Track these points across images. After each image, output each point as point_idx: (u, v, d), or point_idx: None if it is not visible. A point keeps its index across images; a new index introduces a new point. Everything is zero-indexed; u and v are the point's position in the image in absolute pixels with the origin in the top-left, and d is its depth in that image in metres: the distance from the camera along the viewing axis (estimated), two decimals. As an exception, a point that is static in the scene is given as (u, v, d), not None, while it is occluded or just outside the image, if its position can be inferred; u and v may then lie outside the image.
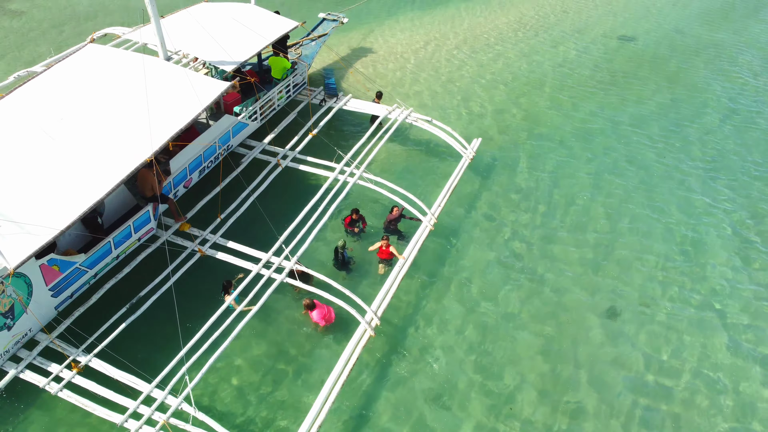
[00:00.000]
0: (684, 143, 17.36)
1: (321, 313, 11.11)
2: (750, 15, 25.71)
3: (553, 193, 15.18)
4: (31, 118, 11.05)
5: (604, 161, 16.47)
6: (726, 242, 14.00)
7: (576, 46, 22.39)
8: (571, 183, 15.56)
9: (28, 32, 21.80)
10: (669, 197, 15.25)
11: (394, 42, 21.91)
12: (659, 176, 16.00)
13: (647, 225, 14.36)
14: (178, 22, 14.70)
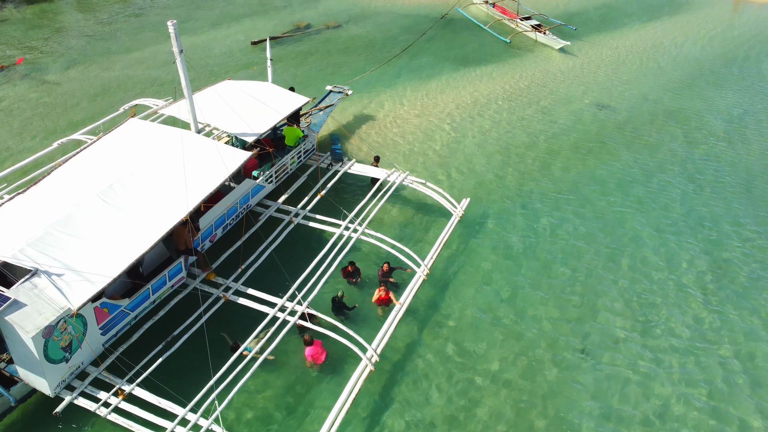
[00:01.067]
0: (653, 205, 19.40)
1: (312, 351, 12.77)
2: (712, 84, 28.26)
3: (533, 249, 17.11)
4: (86, 183, 13.14)
5: (581, 221, 18.47)
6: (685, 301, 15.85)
7: (555, 114, 24.78)
8: (549, 240, 17.51)
9: (64, 102, 24.28)
10: (638, 253, 17.19)
11: (393, 110, 24.34)
12: (634, 235, 17.97)
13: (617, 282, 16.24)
14: (205, 98, 17.01)
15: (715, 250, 17.27)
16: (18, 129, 22.22)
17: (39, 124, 22.56)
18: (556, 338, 14.18)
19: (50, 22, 32.46)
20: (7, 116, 23.05)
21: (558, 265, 16.46)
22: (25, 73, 26.49)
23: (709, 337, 14.43)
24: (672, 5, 39.32)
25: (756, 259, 16.99)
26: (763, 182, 20.68)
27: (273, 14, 34.65)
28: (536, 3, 37.84)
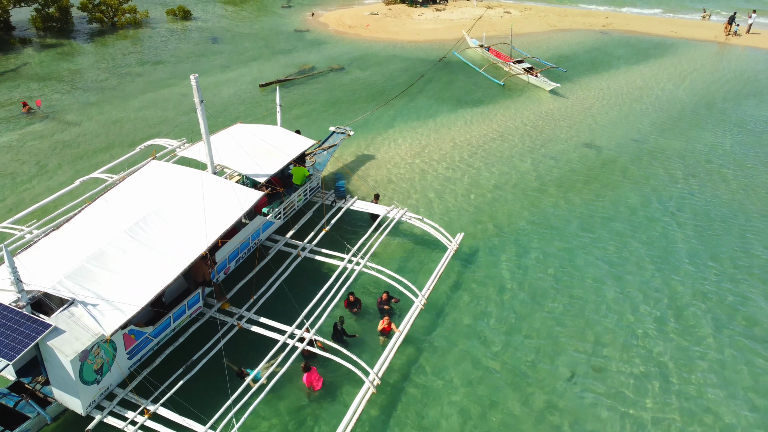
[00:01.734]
0: (636, 242, 20.73)
1: (309, 377, 13.93)
2: (694, 125, 29.88)
3: (523, 281, 18.37)
4: (114, 221, 14.49)
5: (568, 255, 19.77)
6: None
7: (545, 153, 26.29)
8: (537, 273, 18.78)
9: (83, 141, 25.82)
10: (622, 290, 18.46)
11: (392, 150, 25.86)
12: (620, 271, 19.26)
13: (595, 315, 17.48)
14: (220, 141, 18.47)
15: (694, 284, 18.53)
16: (40, 167, 23.67)
17: (60, 163, 24.03)
18: (544, 365, 15.33)
19: (67, 65, 34.27)
20: (29, 155, 24.53)
21: (545, 297, 17.68)
22: (45, 114, 28.11)
23: (685, 366, 15.60)
24: (659, 48, 41.36)
25: (733, 292, 18.23)
26: (740, 219, 22.04)
27: (279, 57, 36.55)
28: (529, 46, 39.90)
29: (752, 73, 37.32)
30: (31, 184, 22.57)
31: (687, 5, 53.81)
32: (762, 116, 31.00)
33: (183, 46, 38.14)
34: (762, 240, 20.70)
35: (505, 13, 47.45)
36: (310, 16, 45.35)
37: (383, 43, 39.82)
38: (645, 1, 54.70)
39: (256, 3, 48.73)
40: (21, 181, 22.67)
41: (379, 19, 44.36)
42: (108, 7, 40.78)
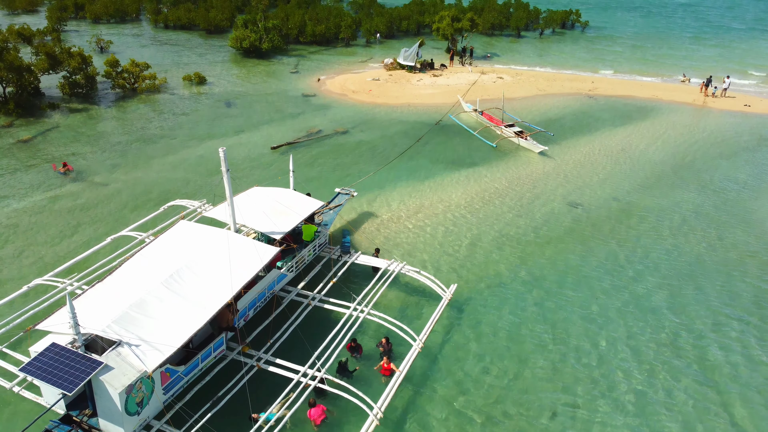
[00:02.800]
0: (618, 295, 22.87)
1: (313, 412, 15.83)
2: (671, 185, 32.43)
3: (511, 329, 20.43)
4: (152, 273, 16.73)
5: (555, 305, 21.89)
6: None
7: (534, 211, 28.72)
8: (526, 321, 20.86)
9: (112, 201, 28.29)
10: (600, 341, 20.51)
11: (393, 208, 28.30)
12: (602, 320, 21.35)
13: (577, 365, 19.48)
14: (239, 202, 20.85)
15: (670, 333, 20.57)
16: (74, 225, 26.04)
17: (91, 221, 26.41)
18: (531, 405, 17.24)
19: (93, 129, 37.18)
20: (64, 214, 26.94)
21: (533, 344, 19.71)
22: (75, 176, 30.70)
23: (659, 407, 17.50)
24: (641, 112, 44.47)
25: (712, 341, 20.26)
26: (714, 274, 24.24)
27: (288, 121, 39.54)
28: (520, 110, 42.99)
29: (727, 135, 40.21)
30: (66, 241, 24.86)
31: (668, 69, 57.44)
32: (736, 177, 33.57)
33: (199, 110, 41.21)
34: (732, 293, 22.86)
35: (498, 79, 50.92)
36: (316, 81, 48.75)
37: (384, 108, 42.93)
38: (629, 67, 58.41)
39: (266, 68, 52.33)
40: (57, 238, 24.97)
41: (381, 85, 47.72)
42: (129, 74, 44.14)
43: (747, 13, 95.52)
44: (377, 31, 65.32)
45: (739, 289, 23.09)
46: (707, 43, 70.97)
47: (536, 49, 65.49)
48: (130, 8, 72.47)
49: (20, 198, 28.18)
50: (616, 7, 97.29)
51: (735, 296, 22.64)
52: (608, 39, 71.22)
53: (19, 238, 24.88)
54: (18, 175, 30.53)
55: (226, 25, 67.13)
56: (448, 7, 73.74)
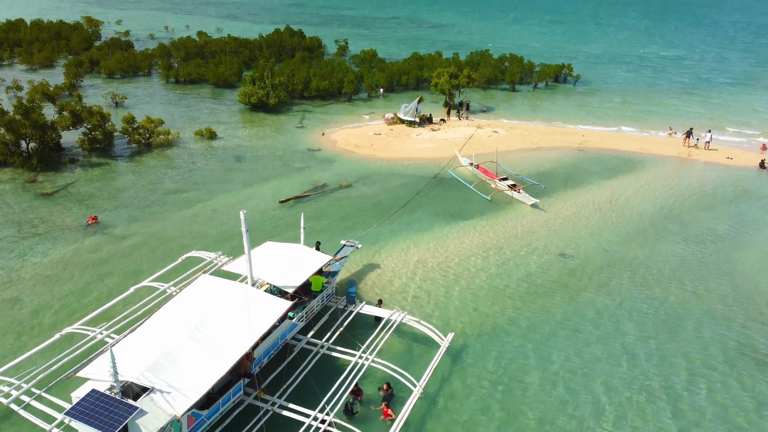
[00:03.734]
0: (604, 340, 24.62)
1: None
2: (654, 236, 34.49)
3: (504, 374, 22.12)
4: (178, 325, 18.58)
5: (546, 352, 23.61)
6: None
7: (526, 262, 30.67)
8: (518, 367, 22.56)
9: (131, 253, 30.26)
10: (584, 374, 22.19)
11: (395, 260, 30.26)
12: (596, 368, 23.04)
13: (567, 394, 21.13)
14: (254, 256, 22.86)
15: (652, 375, 22.27)
16: (98, 276, 27.94)
17: (114, 272, 28.31)
18: (519, 442, 18.87)
19: (111, 183, 39.44)
20: (88, 265, 28.86)
21: (524, 391, 21.38)
22: (97, 229, 32.76)
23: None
24: (628, 164, 46.91)
25: (692, 383, 21.94)
26: (694, 323, 26.04)
27: (295, 175, 41.86)
28: (514, 163, 45.42)
29: (709, 188, 42.52)
30: (92, 291, 26.72)
31: (655, 122, 60.24)
32: (715, 229, 35.67)
33: (211, 164, 43.59)
34: (710, 342, 24.63)
35: (494, 132, 53.60)
36: (321, 135, 51.37)
37: (385, 161, 45.35)
38: (618, 120, 61.26)
39: (273, 123, 55.07)
40: (83, 288, 26.84)
41: (382, 139, 50.33)
42: (145, 129, 46.74)
43: (734, 66, 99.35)
44: (379, 85, 68.51)
45: (716, 339, 24.86)
46: (694, 97, 74.19)
47: (530, 103, 68.59)
48: (143, 64, 75.90)
49: (47, 250, 30.15)
50: (607, 61, 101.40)
51: (711, 345, 24.40)
52: (599, 92, 74.47)
53: (47, 288, 26.75)
54: (43, 228, 32.58)
55: (234, 80, 70.40)
56: (446, 62, 77.44)
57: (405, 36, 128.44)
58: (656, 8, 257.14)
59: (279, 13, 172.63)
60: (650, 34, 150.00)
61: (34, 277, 27.74)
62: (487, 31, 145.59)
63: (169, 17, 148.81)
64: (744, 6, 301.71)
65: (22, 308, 25.29)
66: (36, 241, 31.12)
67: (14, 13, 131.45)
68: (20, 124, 40.57)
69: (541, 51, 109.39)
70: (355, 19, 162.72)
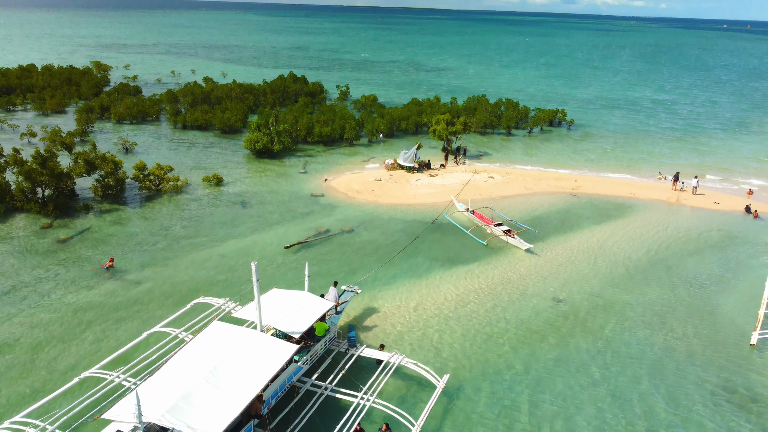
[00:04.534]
0: (593, 385, 26.04)
1: None
2: (642, 281, 36.11)
3: (498, 414, 23.51)
4: (194, 369, 20.10)
5: (538, 394, 25.02)
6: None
7: (520, 306, 32.23)
8: (511, 408, 23.96)
9: (143, 297, 31.87)
10: (572, 415, 23.57)
11: (393, 304, 31.84)
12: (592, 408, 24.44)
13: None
14: (262, 303, 24.49)
15: (637, 419, 23.65)
16: (112, 320, 29.50)
17: (128, 316, 29.88)
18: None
19: (123, 229, 41.27)
20: (103, 310, 30.45)
21: (515, 430, 22.76)
22: (110, 274, 34.43)
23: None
24: (618, 209, 48.83)
25: (673, 425, 23.30)
26: (677, 363, 27.50)
27: (299, 220, 43.74)
28: (509, 208, 47.35)
29: (696, 233, 44.31)
30: (107, 335, 28.24)
31: (646, 167, 62.50)
32: (701, 272, 37.33)
33: (218, 210, 45.51)
34: (694, 385, 26.07)
35: (489, 178, 55.74)
36: (324, 181, 53.47)
37: (385, 207, 47.28)
38: (610, 165, 63.54)
39: (277, 169, 57.28)
40: (98, 332, 28.37)
41: (382, 185, 52.41)
42: (155, 176, 48.84)
43: (725, 111, 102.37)
44: (379, 131, 71.09)
45: (698, 382, 26.29)
46: (685, 142, 76.75)
47: (525, 147, 71.02)
48: (151, 110, 78.81)
49: (63, 295, 31.76)
50: (600, 106, 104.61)
51: (693, 388, 25.82)
52: (592, 138, 77.03)
53: (64, 332, 28.28)
54: (59, 274, 34.25)
55: (240, 126, 73.07)
56: (444, 108, 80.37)
57: (404, 80, 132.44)
58: (649, 50, 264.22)
59: (281, 57, 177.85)
60: (643, 77, 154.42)
61: (52, 321, 29.29)
62: (485, 74, 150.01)
63: (175, 61, 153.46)
64: (735, 48, 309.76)
65: (40, 352, 26.78)
66: (52, 286, 32.74)
67: (24, 58, 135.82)
68: (37, 172, 42.66)
69: (536, 95, 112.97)
70: (355, 63, 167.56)
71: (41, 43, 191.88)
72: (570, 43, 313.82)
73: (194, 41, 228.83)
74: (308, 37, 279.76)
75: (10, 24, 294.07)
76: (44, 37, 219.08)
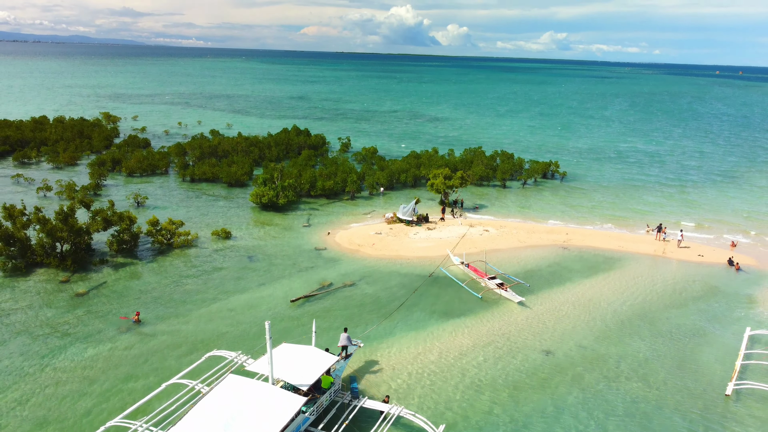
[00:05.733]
0: None
1: None
2: (629, 334, 38.35)
3: (488, 461, 25.51)
4: (212, 420, 22.29)
5: (521, 439, 27.02)
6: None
7: (512, 358, 34.39)
8: (499, 454, 25.96)
9: (159, 350, 34.06)
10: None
11: (393, 356, 34.02)
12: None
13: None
14: (273, 357, 26.77)
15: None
16: (131, 372, 31.65)
17: (145, 368, 32.04)
18: None
19: (138, 284, 43.69)
20: (122, 362, 32.62)
21: (504, 474, 24.75)
22: (128, 327, 36.71)
23: None
24: (607, 262, 51.37)
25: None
26: (658, 413, 29.56)
27: (303, 274, 46.22)
28: (502, 261, 49.89)
29: (680, 286, 46.74)
30: (127, 386, 30.37)
31: (634, 219, 65.34)
32: (683, 324, 39.62)
33: (227, 264, 48.03)
34: None
35: (485, 231, 58.48)
36: (326, 234, 56.16)
37: (386, 260, 49.83)
38: (600, 217, 66.42)
39: (282, 222, 60.09)
40: (118, 383, 30.51)
41: (383, 238, 55.10)
42: (167, 231, 51.55)
43: (714, 163, 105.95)
44: (379, 184, 74.26)
45: (677, 430, 28.33)
46: (674, 194, 79.94)
47: (519, 200, 74.06)
48: (160, 163, 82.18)
49: (84, 348, 33.98)
50: (592, 158, 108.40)
51: (672, 435, 27.88)
52: (583, 190, 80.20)
53: (86, 384, 30.41)
54: (79, 327, 36.53)
55: (246, 179, 76.29)
56: (442, 160, 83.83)
57: (403, 131, 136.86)
58: (642, 99, 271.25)
59: (283, 107, 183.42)
60: (635, 128, 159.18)
61: (74, 372, 31.45)
62: (481, 124, 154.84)
63: (181, 111, 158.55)
64: (726, 96, 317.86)
65: (63, 403, 28.87)
66: (74, 339, 34.99)
67: (37, 108, 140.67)
68: (59, 229, 45.38)
69: (531, 146, 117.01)
70: (356, 113, 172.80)
71: (54, 94, 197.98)
72: (565, 91, 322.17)
73: (199, 91, 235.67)
74: (309, 86, 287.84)
75: (23, 73, 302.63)
76: (57, 87, 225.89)
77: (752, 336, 37.82)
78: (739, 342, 37.14)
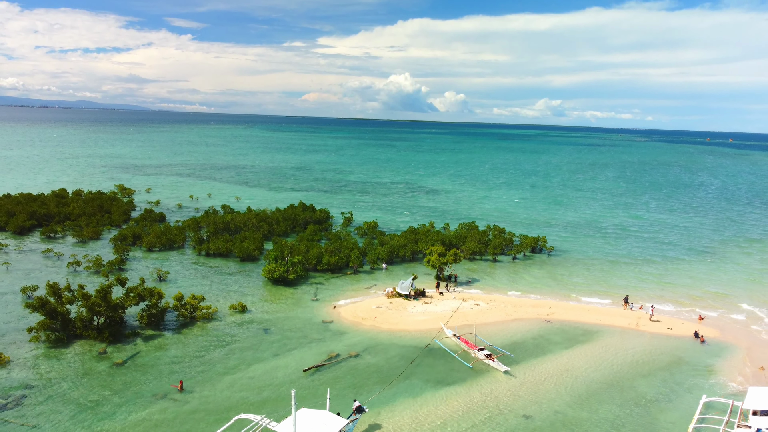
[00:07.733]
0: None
1: None
2: (604, 401, 43.85)
3: None
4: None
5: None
6: None
7: (497, 422, 39.80)
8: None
9: (192, 415, 39.48)
10: None
11: (393, 421, 39.45)
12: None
13: None
14: (291, 423, 32.40)
15: None
16: (169, 434, 37.06)
17: (182, 430, 37.40)
18: None
19: (167, 354, 49.31)
20: (159, 426, 37.99)
21: None
22: (162, 394, 42.16)
23: None
24: (585, 335, 57.21)
25: None
26: (614, 469, 34.91)
27: (313, 345, 51.95)
28: (491, 333, 55.72)
29: (649, 357, 52.46)
30: (166, 446, 35.75)
31: (613, 292, 71.46)
32: (648, 392, 45.21)
33: (244, 336, 53.80)
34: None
35: (476, 305, 64.54)
36: (333, 308, 62.17)
37: (386, 333, 55.68)
38: (580, 292, 72.58)
39: (292, 296, 66.19)
40: (160, 444, 35.90)
41: (383, 312, 61.10)
42: (190, 305, 57.59)
43: (694, 238, 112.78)
44: (381, 259, 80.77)
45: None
46: (650, 271, 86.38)
47: (509, 274, 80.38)
48: (177, 238, 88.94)
49: (128, 414, 39.39)
50: (580, 232, 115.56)
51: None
52: (568, 264, 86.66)
53: (134, 444, 35.80)
54: (122, 393, 42.02)
55: (257, 254, 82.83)
56: (438, 235, 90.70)
57: (402, 204, 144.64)
58: (631, 170, 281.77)
59: (288, 178, 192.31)
60: (621, 200, 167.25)
61: (122, 434, 36.85)
62: (475, 197, 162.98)
63: (192, 183, 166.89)
64: (714, 166, 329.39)
65: (118, 459, 34.21)
66: (117, 404, 40.45)
67: (53, 179, 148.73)
68: (98, 304, 51.48)
69: (522, 219, 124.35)
70: (357, 185, 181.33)
71: (66, 164, 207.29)
72: (557, 160, 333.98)
73: (206, 161, 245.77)
74: (311, 156, 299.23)
75: (34, 141, 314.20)
76: (68, 158, 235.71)
77: (707, 402, 43.30)
78: (695, 408, 42.61)
